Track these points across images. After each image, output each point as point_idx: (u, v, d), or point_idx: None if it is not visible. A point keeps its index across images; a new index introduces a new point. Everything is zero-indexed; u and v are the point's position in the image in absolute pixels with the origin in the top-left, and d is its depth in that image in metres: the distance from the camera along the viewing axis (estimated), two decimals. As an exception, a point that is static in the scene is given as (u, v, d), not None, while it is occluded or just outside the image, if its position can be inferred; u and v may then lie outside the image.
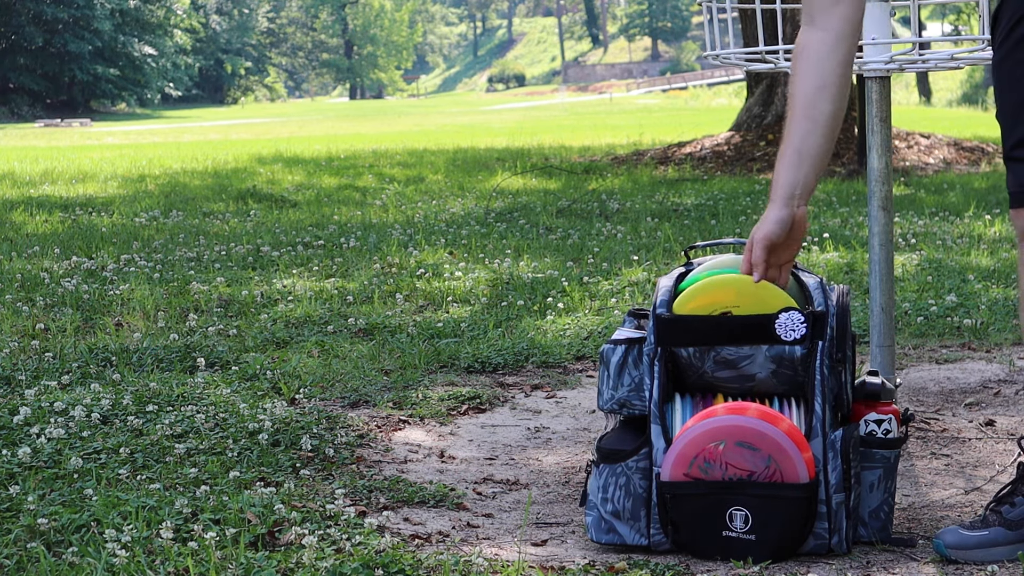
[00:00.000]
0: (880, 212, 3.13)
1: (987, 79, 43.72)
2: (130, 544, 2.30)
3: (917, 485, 2.87)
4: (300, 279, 5.50)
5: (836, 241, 6.45)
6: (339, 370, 3.85)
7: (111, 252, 6.27)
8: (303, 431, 3.09)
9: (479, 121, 34.51)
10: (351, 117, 43.11)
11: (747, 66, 3.41)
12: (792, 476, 2.32)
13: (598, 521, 2.46)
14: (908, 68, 3.20)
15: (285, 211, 8.37)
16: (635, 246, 6.41)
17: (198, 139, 23.92)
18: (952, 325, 4.50)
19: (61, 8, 51.85)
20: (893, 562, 2.37)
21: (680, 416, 2.45)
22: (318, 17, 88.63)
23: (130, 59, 54.76)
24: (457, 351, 4.10)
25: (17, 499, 2.55)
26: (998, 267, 5.57)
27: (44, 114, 49.52)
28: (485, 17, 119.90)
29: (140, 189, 10.23)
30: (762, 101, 12.23)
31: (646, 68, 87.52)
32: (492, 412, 3.54)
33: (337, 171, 12.02)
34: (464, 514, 2.68)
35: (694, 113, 36.07)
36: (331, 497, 2.65)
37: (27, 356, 3.99)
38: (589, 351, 4.18)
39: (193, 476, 2.75)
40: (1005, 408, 3.54)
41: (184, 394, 3.43)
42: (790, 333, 2.40)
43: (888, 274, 3.16)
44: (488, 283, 5.36)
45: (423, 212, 8.23)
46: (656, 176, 10.78)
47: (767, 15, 11.13)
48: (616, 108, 45.00)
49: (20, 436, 3.01)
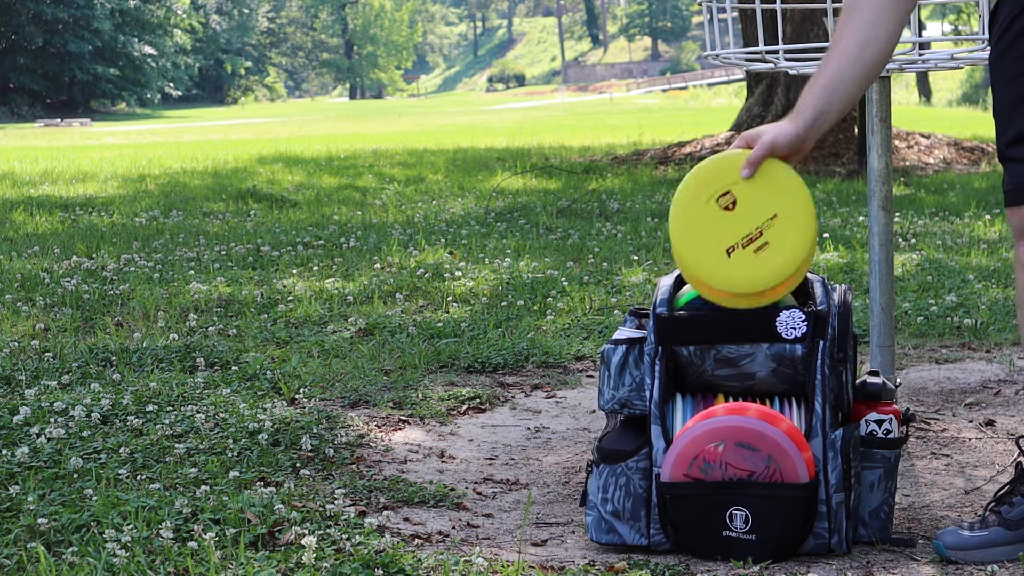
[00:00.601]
0: (880, 212, 3.13)
1: (987, 79, 43.69)
2: (130, 544, 2.30)
3: (917, 485, 2.87)
4: (300, 279, 5.50)
5: (836, 241, 6.45)
6: (339, 370, 3.85)
7: (111, 252, 6.27)
8: (303, 431, 3.09)
9: (479, 121, 34.50)
10: (351, 117, 43.10)
11: (747, 66, 3.41)
12: (792, 476, 2.32)
13: (598, 521, 2.46)
14: (908, 68, 3.20)
15: (285, 211, 8.37)
16: (635, 246, 6.41)
17: (198, 139, 23.92)
18: (952, 325, 4.49)
19: (61, 8, 51.85)
20: (893, 562, 2.37)
21: (681, 416, 2.45)
22: (318, 17, 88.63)
23: (130, 59, 54.76)
24: (457, 351, 4.10)
25: (17, 499, 2.55)
26: (998, 267, 5.57)
27: (44, 114, 49.52)
28: (485, 17, 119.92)
29: (140, 189, 10.23)
30: (762, 101, 12.23)
31: (646, 68, 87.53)
32: (492, 412, 3.54)
33: (337, 171, 12.02)
34: (464, 514, 2.68)
35: (694, 113, 36.06)
36: (331, 497, 2.65)
37: (27, 356, 3.99)
38: (589, 351, 4.18)
39: (193, 476, 2.75)
40: (1005, 408, 3.54)
41: (184, 394, 3.43)
42: (791, 331, 2.40)
43: (888, 274, 3.15)
44: (488, 283, 5.36)
45: (423, 212, 8.23)
46: (656, 176, 10.78)
47: (767, 15, 11.14)
48: (616, 108, 45.00)
49: (20, 436, 3.01)
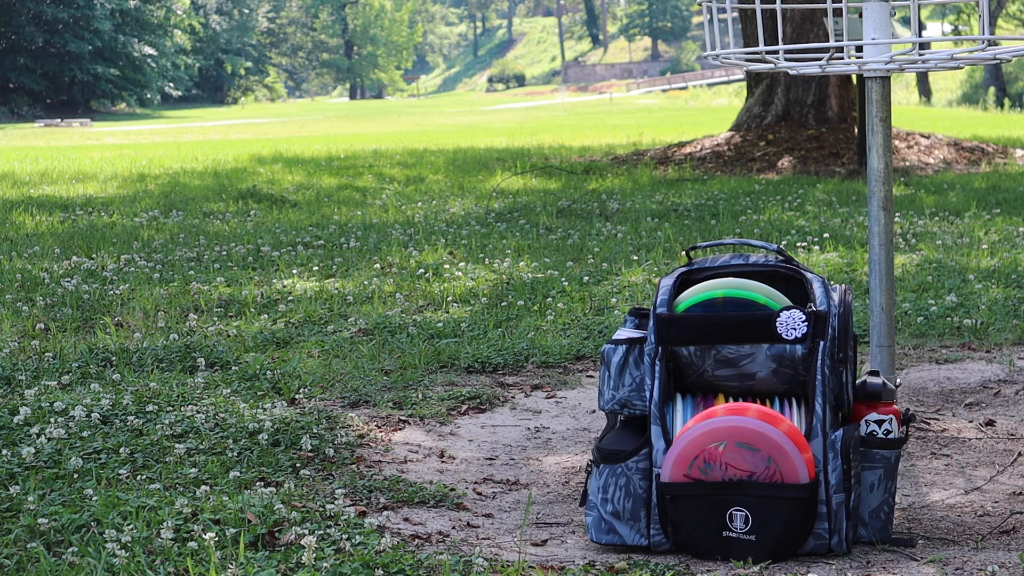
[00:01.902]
0: (880, 212, 3.13)
1: (987, 79, 43.71)
2: (130, 544, 2.30)
3: (917, 485, 2.87)
4: (300, 279, 5.50)
5: (836, 241, 6.45)
6: (339, 370, 3.85)
7: (111, 252, 6.27)
8: (303, 431, 3.09)
9: (479, 121, 34.50)
10: (351, 117, 43.08)
11: (747, 66, 3.41)
12: (792, 476, 2.32)
13: (598, 521, 2.46)
14: (908, 68, 3.20)
15: (285, 211, 8.37)
16: (635, 246, 6.41)
17: (198, 139, 23.92)
18: (952, 325, 4.49)
19: (61, 8, 51.83)
20: (893, 562, 2.37)
21: (681, 416, 2.45)
22: (318, 17, 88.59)
23: (130, 59, 54.73)
24: (457, 351, 4.10)
25: (17, 499, 2.55)
26: (998, 267, 5.56)
27: (44, 114, 49.51)
28: (485, 17, 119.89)
29: (140, 189, 10.23)
30: (762, 101, 12.23)
31: (646, 68, 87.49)
32: (492, 412, 3.54)
33: (337, 171, 12.01)
34: (464, 514, 2.67)
35: (694, 113, 36.06)
36: (331, 497, 2.65)
37: (27, 356, 3.99)
38: (589, 351, 4.18)
39: (193, 476, 2.75)
40: (1005, 408, 3.54)
41: (184, 394, 3.43)
42: (791, 332, 2.40)
43: (888, 274, 3.15)
44: (488, 283, 5.36)
45: (423, 212, 8.23)
46: (656, 176, 10.78)
47: (767, 15, 11.14)
48: (616, 108, 44.99)
49: (20, 436, 3.01)
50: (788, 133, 11.72)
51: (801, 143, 11.47)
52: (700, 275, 2.55)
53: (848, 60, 3.22)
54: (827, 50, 3.37)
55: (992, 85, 42.44)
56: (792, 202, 8.39)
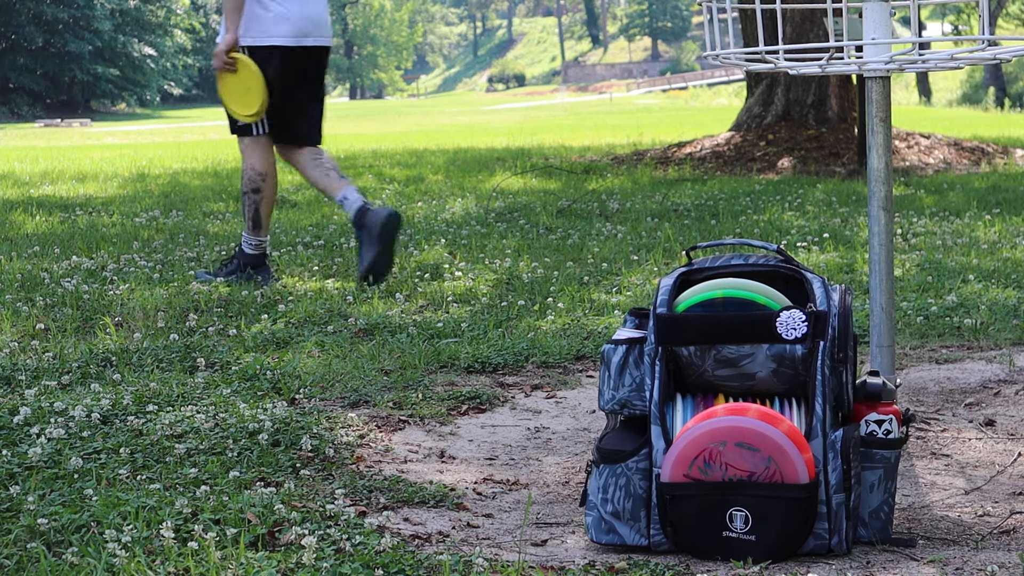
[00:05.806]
0: (880, 212, 3.13)
1: (987, 79, 43.71)
2: (130, 544, 2.30)
3: (917, 485, 2.87)
4: (300, 279, 5.50)
5: (836, 241, 6.45)
6: (339, 370, 3.85)
7: (111, 252, 6.27)
8: (303, 431, 3.09)
9: (479, 121, 34.50)
10: (351, 117, 43.09)
11: (747, 66, 3.41)
12: (792, 477, 2.32)
13: (598, 521, 2.46)
14: (908, 68, 3.20)
15: (285, 211, 8.37)
16: (635, 246, 6.41)
17: (198, 139, 23.92)
18: (952, 325, 4.49)
19: (61, 8, 51.86)
20: (893, 562, 2.37)
21: (681, 416, 2.45)
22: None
23: (130, 59, 54.76)
24: (457, 351, 4.10)
25: (17, 499, 2.55)
26: (998, 267, 5.57)
27: (44, 114, 49.54)
28: (485, 17, 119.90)
29: (140, 189, 10.23)
30: (762, 101, 12.23)
31: (646, 68, 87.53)
32: (492, 412, 3.54)
33: (337, 171, 12.00)
34: (464, 514, 2.68)
35: (694, 113, 36.06)
36: (331, 497, 2.65)
37: (27, 356, 3.99)
38: (589, 351, 4.18)
39: (193, 476, 2.75)
40: (1005, 408, 3.54)
41: (184, 394, 3.43)
42: (791, 332, 2.40)
43: (888, 274, 3.15)
44: (488, 283, 5.36)
45: (423, 212, 8.23)
46: (656, 176, 10.78)
47: (767, 15, 11.14)
48: (616, 108, 45.00)
49: (20, 436, 3.01)
50: (788, 133, 11.72)
51: (801, 143, 11.48)
52: (700, 275, 2.55)
53: (848, 60, 3.22)
54: (827, 50, 3.37)
55: (992, 85, 42.47)
56: (792, 202, 8.39)
